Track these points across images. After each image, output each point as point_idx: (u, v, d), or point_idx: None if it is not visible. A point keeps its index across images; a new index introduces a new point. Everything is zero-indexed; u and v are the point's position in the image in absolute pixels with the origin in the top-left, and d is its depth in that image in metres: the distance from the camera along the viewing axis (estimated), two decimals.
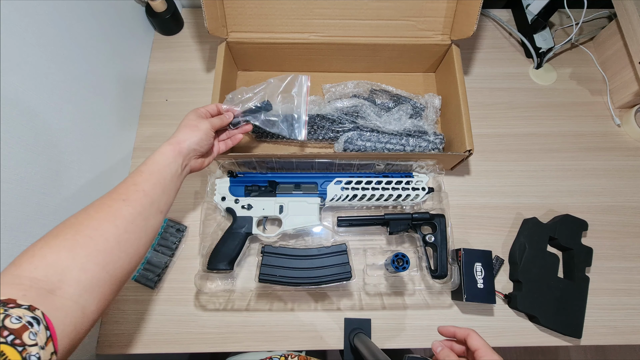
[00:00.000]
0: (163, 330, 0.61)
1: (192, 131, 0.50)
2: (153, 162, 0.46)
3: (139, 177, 0.44)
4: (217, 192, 0.63)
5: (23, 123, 0.45)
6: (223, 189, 0.63)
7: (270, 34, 0.70)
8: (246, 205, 0.62)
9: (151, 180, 0.44)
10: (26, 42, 0.46)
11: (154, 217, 0.43)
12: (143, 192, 0.42)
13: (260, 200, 0.63)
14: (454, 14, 0.68)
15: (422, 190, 0.63)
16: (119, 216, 0.39)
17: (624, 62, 0.75)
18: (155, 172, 0.45)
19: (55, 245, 0.34)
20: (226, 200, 0.62)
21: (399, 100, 0.74)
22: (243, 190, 0.63)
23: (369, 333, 0.61)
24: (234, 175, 0.64)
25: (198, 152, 0.52)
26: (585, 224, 0.66)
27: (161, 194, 0.45)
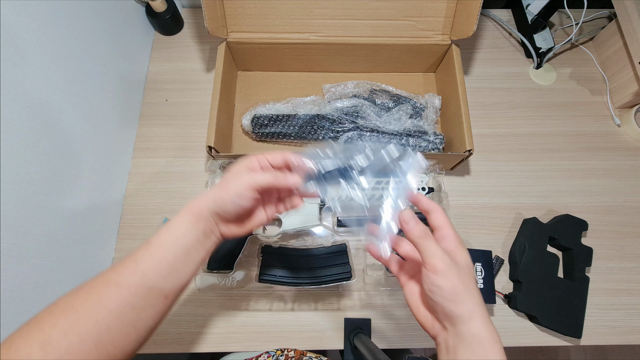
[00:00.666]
0: (163, 330, 0.61)
1: (221, 188, 0.39)
2: (166, 231, 0.37)
3: (144, 251, 0.36)
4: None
5: (23, 123, 0.45)
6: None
7: (270, 34, 0.70)
8: None
9: (157, 257, 0.36)
10: (26, 42, 0.46)
11: (152, 306, 0.36)
12: (142, 275, 0.34)
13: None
14: (454, 14, 0.68)
15: (422, 191, 0.62)
16: (103, 309, 0.32)
17: (624, 62, 0.75)
18: (166, 244, 0.36)
19: (31, 337, 0.30)
20: None
21: (399, 100, 0.74)
22: None
23: (369, 333, 0.61)
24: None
25: (225, 217, 0.39)
26: (585, 224, 0.66)
27: (168, 274, 0.36)
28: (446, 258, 0.33)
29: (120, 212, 0.68)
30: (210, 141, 0.60)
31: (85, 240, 0.58)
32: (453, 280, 0.32)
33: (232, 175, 0.39)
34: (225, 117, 0.70)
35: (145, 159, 0.71)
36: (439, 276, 0.32)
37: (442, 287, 0.32)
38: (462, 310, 0.32)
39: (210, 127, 0.62)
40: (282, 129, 0.69)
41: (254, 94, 0.77)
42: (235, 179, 0.39)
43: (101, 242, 0.63)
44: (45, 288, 0.50)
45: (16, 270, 0.45)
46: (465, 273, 0.33)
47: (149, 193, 0.69)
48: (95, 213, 0.61)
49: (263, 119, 0.70)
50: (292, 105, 0.73)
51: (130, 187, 0.69)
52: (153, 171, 0.71)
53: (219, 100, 0.64)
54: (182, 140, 0.73)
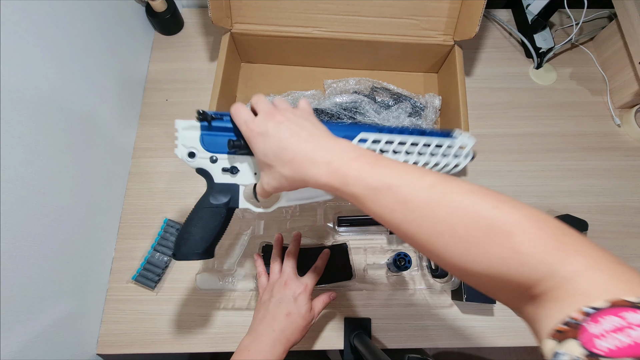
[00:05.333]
0: (163, 330, 0.61)
1: (296, 326, 0.49)
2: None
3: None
4: (179, 142, 0.41)
5: (23, 123, 0.45)
6: (190, 138, 0.41)
7: (274, 26, 0.70)
8: (229, 167, 0.42)
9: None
10: (26, 42, 0.46)
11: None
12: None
13: (252, 161, 0.43)
14: (458, 15, 0.68)
15: (465, 158, 0.45)
16: None
17: (624, 62, 0.75)
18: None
19: None
20: (196, 158, 0.42)
21: (399, 99, 0.74)
22: (223, 143, 0.41)
23: (369, 333, 0.61)
24: (208, 121, 0.41)
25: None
26: (585, 224, 0.66)
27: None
28: (256, 119, 0.36)
29: (120, 212, 0.68)
30: None
31: (85, 240, 0.58)
32: (265, 141, 0.35)
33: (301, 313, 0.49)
34: (226, 107, 0.70)
35: (145, 159, 0.71)
36: (253, 139, 0.36)
37: (262, 151, 0.35)
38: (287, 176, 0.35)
39: None
40: None
41: (255, 85, 0.77)
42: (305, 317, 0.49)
43: (101, 242, 0.63)
44: (45, 288, 0.50)
45: (16, 270, 0.45)
46: (285, 120, 0.35)
47: (149, 193, 0.69)
48: (95, 213, 0.61)
49: None
50: (292, 98, 0.73)
51: (130, 187, 0.69)
52: (153, 171, 0.71)
53: (219, 90, 0.64)
54: None
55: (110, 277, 0.64)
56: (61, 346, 0.53)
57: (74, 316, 0.56)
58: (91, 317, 0.60)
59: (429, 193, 0.28)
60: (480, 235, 0.25)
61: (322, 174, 0.32)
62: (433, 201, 0.28)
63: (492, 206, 0.26)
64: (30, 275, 0.47)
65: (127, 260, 0.64)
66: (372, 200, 0.30)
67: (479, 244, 0.25)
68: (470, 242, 0.26)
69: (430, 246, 0.28)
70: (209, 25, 0.82)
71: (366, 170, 0.30)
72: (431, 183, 0.28)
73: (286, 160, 0.33)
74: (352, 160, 0.31)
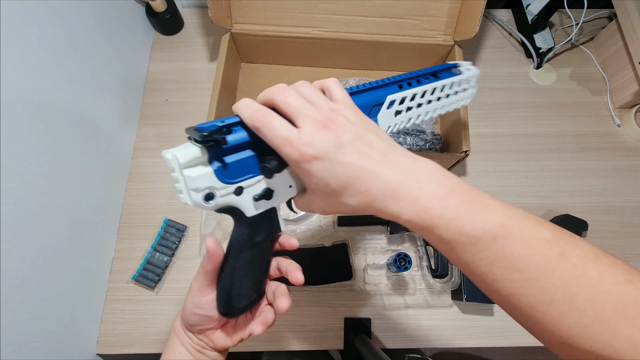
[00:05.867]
0: (163, 330, 0.61)
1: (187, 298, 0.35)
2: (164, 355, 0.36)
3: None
4: (183, 187, 0.30)
5: (23, 123, 0.45)
6: (199, 176, 0.29)
7: (274, 26, 0.70)
8: (263, 192, 0.31)
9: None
10: (26, 42, 0.46)
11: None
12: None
13: (286, 172, 0.32)
14: (458, 15, 0.68)
15: (473, 89, 0.46)
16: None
17: (624, 62, 0.75)
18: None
19: None
20: (216, 198, 0.30)
21: None
22: (247, 164, 0.30)
23: (369, 333, 0.61)
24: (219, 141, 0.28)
25: (199, 329, 0.35)
26: (585, 224, 0.66)
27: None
28: (303, 133, 0.25)
29: (120, 212, 0.68)
30: None
31: (85, 240, 0.58)
32: (326, 167, 0.25)
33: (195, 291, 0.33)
34: (226, 107, 0.70)
35: (145, 159, 0.71)
36: (306, 165, 0.25)
37: (320, 180, 0.25)
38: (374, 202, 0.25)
39: (210, 116, 0.62)
40: None
41: (256, 86, 0.77)
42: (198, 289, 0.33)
43: (101, 242, 0.63)
44: (46, 288, 0.50)
45: (16, 270, 0.45)
46: (347, 134, 0.25)
47: (149, 193, 0.69)
48: (95, 213, 0.61)
49: None
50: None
51: (130, 187, 0.69)
52: (153, 171, 0.71)
53: (219, 90, 0.64)
54: (182, 140, 0.72)
55: (110, 277, 0.64)
56: (61, 346, 0.53)
57: (74, 316, 0.56)
58: (91, 317, 0.60)
59: (545, 252, 0.23)
60: (606, 312, 0.22)
61: (405, 211, 0.25)
62: (550, 264, 0.23)
63: (625, 280, 0.22)
64: (30, 275, 0.47)
65: (127, 260, 0.64)
66: (466, 250, 0.25)
67: (604, 321, 0.22)
68: (593, 318, 0.22)
69: (534, 312, 0.23)
70: (209, 25, 0.82)
71: (463, 213, 0.25)
72: (548, 239, 0.24)
73: (357, 192, 0.25)
74: (445, 198, 0.25)
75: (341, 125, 0.26)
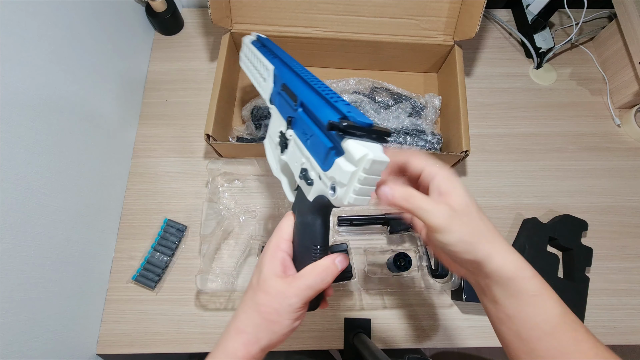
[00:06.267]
0: (163, 330, 0.61)
1: (269, 326, 0.31)
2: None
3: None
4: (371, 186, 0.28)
5: (23, 123, 0.45)
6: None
7: (274, 26, 0.70)
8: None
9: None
10: (26, 42, 0.46)
11: None
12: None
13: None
14: (458, 15, 0.68)
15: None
16: None
17: (624, 62, 0.75)
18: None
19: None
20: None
21: (399, 99, 0.74)
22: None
23: (369, 333, 0.61)
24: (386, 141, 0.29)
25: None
26: (585, 224, 0.66)
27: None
28: (441, 210, 0.29)
29: (120, 212, 0.68)
30: (208, 129, 0.61)
31: (85, 240, 0.58)
32: (456, 232, 0.29)
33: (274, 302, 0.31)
34: (226, 107, 0.70)
35: (145, 159, 0.71)
36: (441, 233, 0.29)
37: (449, 243, 0.29)
38: (477, 256, 0.29)
39: (210, 115, 0.62)
40: None
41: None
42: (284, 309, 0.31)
43: (101, 242, 0.63)
44: (45, 288, 0.50)
45: (16, 270, 0.45)
46: (467, 215, 0.30)
47: (149, 193, 0.69)
48: (95, 213, 0.61)
49: (263, 110, 0.70)
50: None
51: (130, 187, 0.69)
52: (153, 171, 0.71)
53: (219, 90, 0.64)
54: (182, 140, 0.73)
55: (110, 277, 0.64)
56: (61, 346, 0.53)
57: (74, 316, 0.56)
58: (91, 317, 0.60)
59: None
60: None
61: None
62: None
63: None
64: (30, 275, 0.47)
65: (127, 260, 0.64)
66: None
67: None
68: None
69: None
70: (209, 25, 0.82)
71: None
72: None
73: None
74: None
75: (461, 211, 0.31)
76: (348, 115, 0.28)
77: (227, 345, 0.32)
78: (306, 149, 0.32)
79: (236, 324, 0.33)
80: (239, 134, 0.71)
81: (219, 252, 0.65)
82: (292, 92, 0.36)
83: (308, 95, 0.33)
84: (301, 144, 0.33)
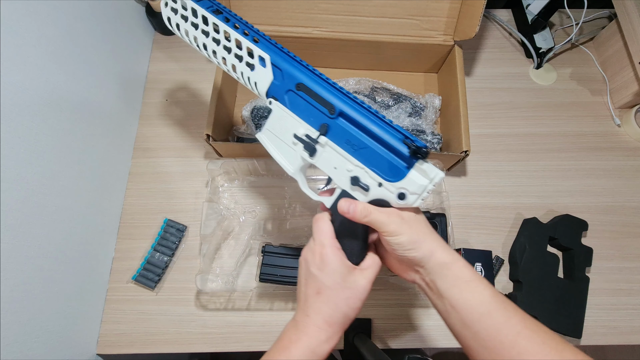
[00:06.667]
0: (163, 330, 0.61)
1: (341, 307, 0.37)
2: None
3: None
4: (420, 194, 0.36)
5: (23, 123, 0.45)
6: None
7: (274, 26, 0.70)
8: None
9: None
10: (26, 42, 0.46)
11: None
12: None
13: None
14: (458, 15, 0.68)
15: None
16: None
17: (624, 62, 0.75)
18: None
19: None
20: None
21: (399, 99, 0.74)
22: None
23: (369, 333, 0.61)
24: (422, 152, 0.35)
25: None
26: (585, 224, 0.66)
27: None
28: (394, 220, 0.36)
29: (120, 212, 0.68)
30: (208, 129, 0.61)
31: (85, 240, 0.58)
32: (406, 234, 0.36)
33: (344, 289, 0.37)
34: (226, 107, 0.70)
35: (145, 159, 0.71)
36: (395, 236, 0.36)
37: (401, 243, 0.36)
38: (424, 252, 0.36)
39: (210, 115, 0.62)
40: None
41: None
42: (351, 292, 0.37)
43: (101, 242, 0.63)
44: (45, 288, 0.50)
45: (16, 270, 0.45)
46: (414, 222, 0.37)
47: (149, 193, 0.69)
48: (95, 213, 0.61)
49: (263, 110, 0.70)
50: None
51: (130, 187, 0.69)
52: (153, 171, 0.71)
53: (219, 90, 0.64)
54: (182, 140, 0.73)
55: (110, 277, 0.64)
56: (61, 346, 0.53)
57: (74, 316, 0.56)
58: (91, 317, 0.60)
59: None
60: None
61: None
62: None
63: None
64: (30, 275, 0.47)
65: (127, 260, 0.64)
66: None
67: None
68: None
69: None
70: None
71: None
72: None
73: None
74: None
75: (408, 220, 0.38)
76: (412, 138, 0.35)
77: (320, 336, 0.37)
78: (355, 158, 0.37)
79: (323, 317, 0.37)
80: (239, 134, 0.71)
81: (219, 252, 0.65)
82: (322, 99, 0.37)
83: (351, 108, 0.37)
84: (343, 151, 0.37)
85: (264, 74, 0.40)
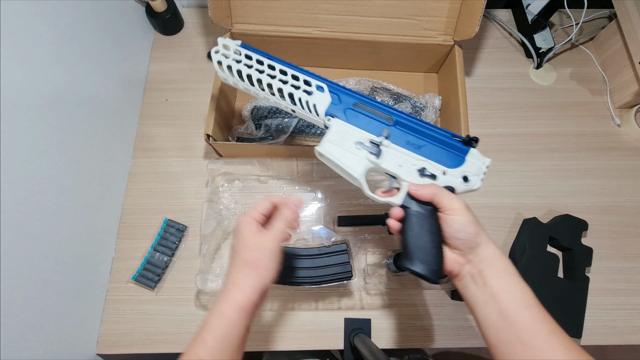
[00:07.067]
0: (163, 330, 0.61)
1: (257, 273, 0.40)
2: (211, 330, 0.37)
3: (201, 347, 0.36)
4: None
5: (23, 123, 0.45)
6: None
7: (274, 26, 0.70)
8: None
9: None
10: (26, 42, 0.46)
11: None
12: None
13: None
14: (458, 15, 0.68)
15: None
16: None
17: (624, 62, 0.75)
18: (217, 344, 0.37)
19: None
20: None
21: (399, 99, 0.74)
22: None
23: (369, 333, 0.61)
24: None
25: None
26: (585, 224, 0.66)
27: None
28: (459, 201, 0.41)
29: (120, 212, 0.68)
30: (208, 129, 0.61)
31: (85, 240, 0.58)
32: (469, 216, 0.40)
33: (256, 251, 0.40)
34: (226, 107, 0.70)
35: (145, 159, 0.71)
36: (460, 215, 0.40)
37: (465, 223, 0.39)
38: (482, 238, 0.39)
39: (210, 115, 0.62)
40: (280, 121, 0.70)
41: None
42: (264, 254, 0.40)
43: (101, 242, 0.63)
44: (46, 288, 0.50)
45: (16, 270, 0.45)
46: (472, 212, 0.41)
47: (149, 193, 0.69)
48: (95, 213, 0.61)
49: (263, 110, 0.70)
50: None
51: (130, 187, 0.69)
52: (153, 171, 0.71)
53: (219, 90, 0.64)
54: (182, 140, 0.73)
55: (110, 277, 0.64)
56: (61, 346, 0.53)
57: (74, 316, 0.56)
58: (91, 317, 0.60)
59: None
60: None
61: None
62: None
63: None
64: (30, 275, 0.47)
65: (127, 260, 0.64)
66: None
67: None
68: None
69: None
70: (209, 25, 0.82)
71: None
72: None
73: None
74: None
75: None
76: (454, 134, 0.47)
77: (229, 296, 0.39)
78: (417, 154, 0.45)
79: (231, 280, 0.40)
80: (239, 134, 0.71)
81: (219, 252, 0.65)
82: (379, 112, 0.46)
83: (404, 117, 0.46)
84: (406, 150, 0.46)
85: (323, 97, 0.47)
